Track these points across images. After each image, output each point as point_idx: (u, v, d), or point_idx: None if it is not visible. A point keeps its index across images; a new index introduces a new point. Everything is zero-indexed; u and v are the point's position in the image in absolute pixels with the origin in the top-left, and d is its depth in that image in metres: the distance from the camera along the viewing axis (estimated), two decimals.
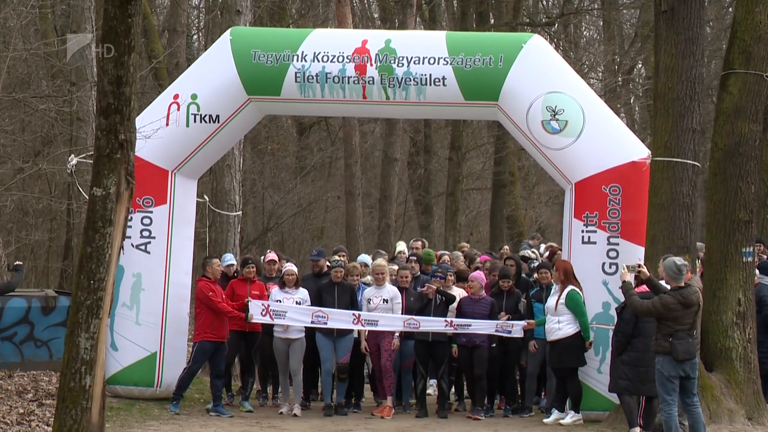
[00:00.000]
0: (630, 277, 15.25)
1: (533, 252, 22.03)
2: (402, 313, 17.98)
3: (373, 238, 33.52)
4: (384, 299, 17.96)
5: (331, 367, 18.01)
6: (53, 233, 29.97)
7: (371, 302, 17.96)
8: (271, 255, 20.00)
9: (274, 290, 18.14)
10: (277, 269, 19.57)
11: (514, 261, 19.52)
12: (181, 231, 19.24)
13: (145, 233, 18.86)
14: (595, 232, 18.05)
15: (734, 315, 17.42)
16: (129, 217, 13.48)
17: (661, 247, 17.45)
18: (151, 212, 18.90)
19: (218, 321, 17.96)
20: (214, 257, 18.89)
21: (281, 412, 17.93)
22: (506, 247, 27.57)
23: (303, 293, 18.12)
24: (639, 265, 15.94)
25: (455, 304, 18.19)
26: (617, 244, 17.99)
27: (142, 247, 18.78)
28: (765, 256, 19.92)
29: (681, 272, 14.94)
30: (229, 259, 19.50)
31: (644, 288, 15.61)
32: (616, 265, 17.73)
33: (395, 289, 18.23)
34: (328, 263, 19.89)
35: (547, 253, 22.05)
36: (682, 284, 14.97)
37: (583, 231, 18.17)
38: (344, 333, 17.98)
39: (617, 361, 16.24)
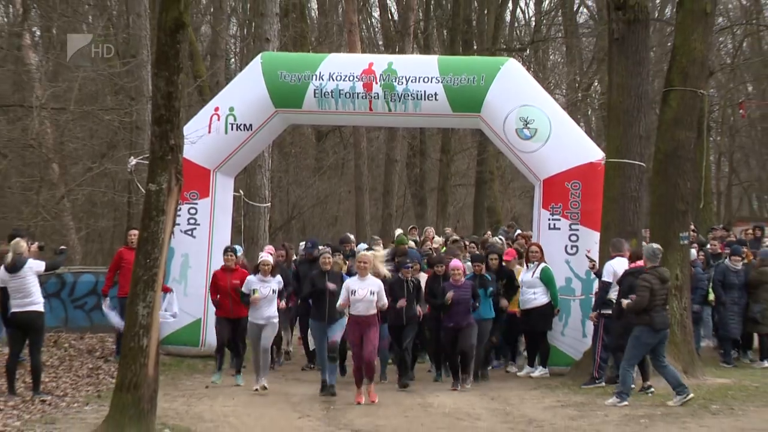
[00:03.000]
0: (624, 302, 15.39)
1: (499, 239, 21.83)
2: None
3: (377, 225, 33.48)
4: (371, 291, 14.95)
5: (324, 353, 15.90)
6: (116, 221, 29.91)
7: (356, 293, 14.91)
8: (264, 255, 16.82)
9: (249, 278, 16.06)
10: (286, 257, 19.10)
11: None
12: (220, 219, 19.30)
13: (192, 221, 18.92)
14: (559, 220, 18.12)
15: (673, 288, 17.40)
16: (178, 208, 13.49)
17: (613, 233, 17.52)
18: (197, 204, 18.95)
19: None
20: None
21: (256, 389, 15.76)
22: (489, 232, 27.50)
23: (278, 281, 16.19)
24: (592, 266, 17.07)
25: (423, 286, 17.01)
26: (577, 230, 18.06)
27: (189, 233, 18.83)
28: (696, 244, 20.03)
29: (657, 255, 15.21)
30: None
31: (637, 263, 15.94)
32: (577, 247, 17.85)
33: (378, 280, 15.28)
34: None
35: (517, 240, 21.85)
36: (657, 264, 15.13)
37: (549, 219, 18.22)
38: (336, 318, 15.75)
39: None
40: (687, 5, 18.29)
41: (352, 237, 21.67)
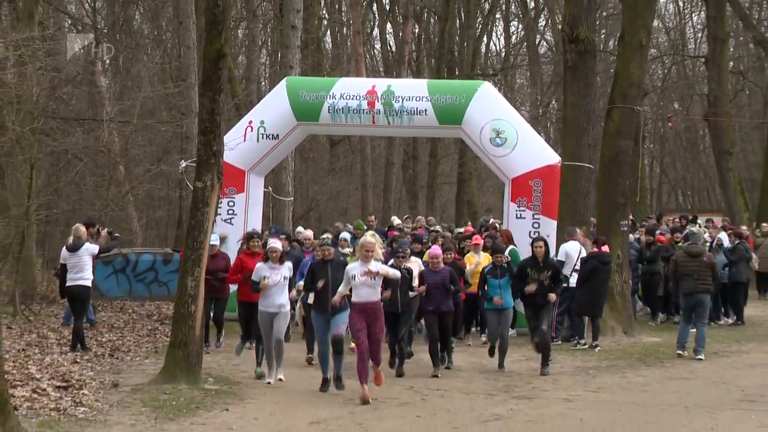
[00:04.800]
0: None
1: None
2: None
3: (379, 215, 33.45)
4: (363, 272, 11.57)
5: (325, 348, 12.28)
6: (170, 212, 29.93)
7: (356, 278, 11.65)
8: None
9: (259, 265, 12.80)
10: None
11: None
12: (253, 210, 19.28)
13: (230, 212, 18.88)
14: (525, 211, 18.06)
15: (615, 265, 17.38)
16: (219, 201, 13.46)
17: (567, 222, 17.57)
18: (234, 198, 18.93)
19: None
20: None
21: (269, 382, 12.59)
22: (470, 222, 27.42)
23: (288, 267, 12.88)
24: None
25: (416, 273, 14.02)
26: (539, 219, 18.00)
27: (228, 221, 18.79)
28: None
29: (695, 234, 16.17)
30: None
31: (595, 249, 16.19)
32: (539, 232, 17.73)
33: (380, 264, 12.00)
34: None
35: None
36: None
37: (516, 211, 18.17)
38: (339, 309, 12.03)
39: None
40: (626, 39, 18.28)
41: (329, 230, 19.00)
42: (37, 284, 20.66)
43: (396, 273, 12.29)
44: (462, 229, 21.08)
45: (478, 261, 16.36)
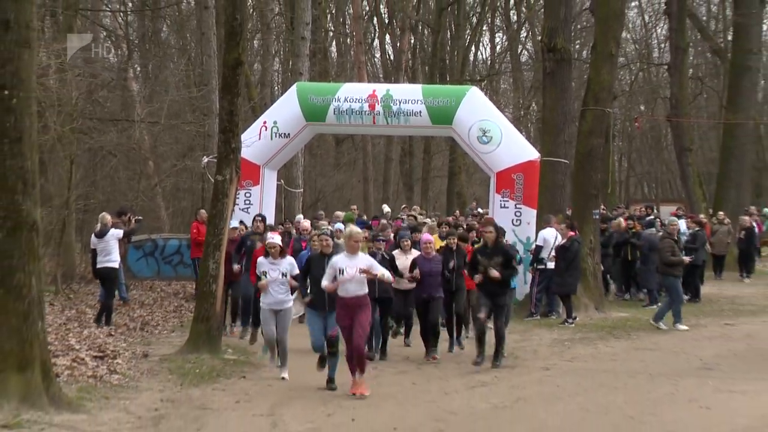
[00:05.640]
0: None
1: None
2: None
3: (378, 206, 33.44)
4: (361, 269, 9.76)
5: (319, 345, 10.54)
6: (193, 202, 29.74)
7: (345, 272, 9.74)
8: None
9: (260, 260, 11.06)
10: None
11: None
12: (267, 201, 19.21)
13: (247, 202, 18.83)
14: (508, 201, 18.02)
15: (588, 249, 17.38)
16: (237, 193, 13.45)
17: (545, 211, 17.54)
18: (250, 190, 18.87)
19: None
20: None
21: (284, 378, 10.82)
22: (457, 211, 27.39)
23: (289, 262, 10.95)
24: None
25: (408, 262, 12.60)
26: (521, 209, 17.96)
27: (245, 210, 18.71)
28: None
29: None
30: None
31: (570, 234, 15.98)
32: (520, 220, 17.76)
33: (368, 257, 10.26)
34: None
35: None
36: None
37: (500, 201, 18.14)
38: (334, 308, 10.04)
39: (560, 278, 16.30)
40: (598, 49, 18.22)
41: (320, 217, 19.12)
42: (76, 266, 20.66)
43: (388, 276, 10.40)
44: (450, 218, 21.03)
45: None
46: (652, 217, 21.93)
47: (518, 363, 12.18)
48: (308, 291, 10.68)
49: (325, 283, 9.85)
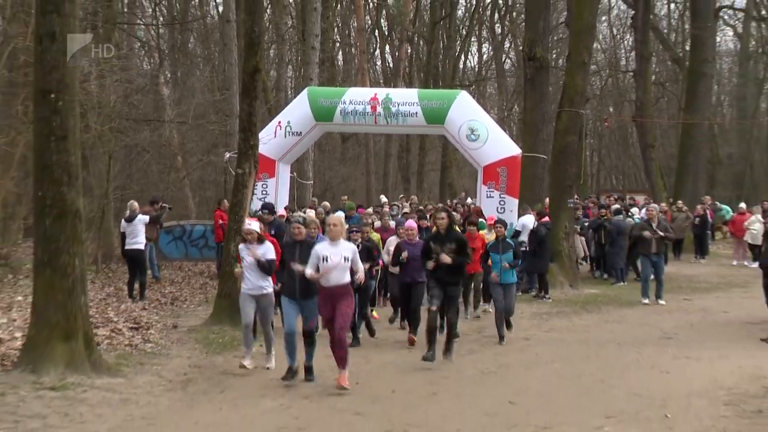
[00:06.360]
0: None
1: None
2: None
3: (378, 195, 33.47)
4: (345, 257, 8.42)
5: (291, 331, 8.80)
6: (217, 193, 29.57)
7: (328, 260, 8.38)
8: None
9: (240, 246, 9.64)
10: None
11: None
12: (282, 191, 19.15)
13: (263, 193, 18.72)
14: (493, 192, 17.93)
15: (563, 233, 17.39)
16: (255, 184, 13.41)
17: (526, 200, 17.52)
18: (267, 182, 18.76)
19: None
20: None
21: (269, 368, 9.48)
22: (448, 200, 27.31)
23: (267, 247, 9.31)
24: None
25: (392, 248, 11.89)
26: (504, 198, 17.83)
27: (262, 199, 18.57)
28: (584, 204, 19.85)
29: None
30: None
31: (543, 219, 15.81)
32: (504, 209, 17.66)
33: (351, 244, 8.82)
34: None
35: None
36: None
37: (487, 191, 18.04)
38: (310, 295, 8.66)
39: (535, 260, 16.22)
40: (572, 58, 18.21)
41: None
42: (114, 248, 20.61)
43: (361, 272, 8.75)
44: (447, 206, 20.99)
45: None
46: (618, 206, 21.94)
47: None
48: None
49: (309, 271, 8.47)
